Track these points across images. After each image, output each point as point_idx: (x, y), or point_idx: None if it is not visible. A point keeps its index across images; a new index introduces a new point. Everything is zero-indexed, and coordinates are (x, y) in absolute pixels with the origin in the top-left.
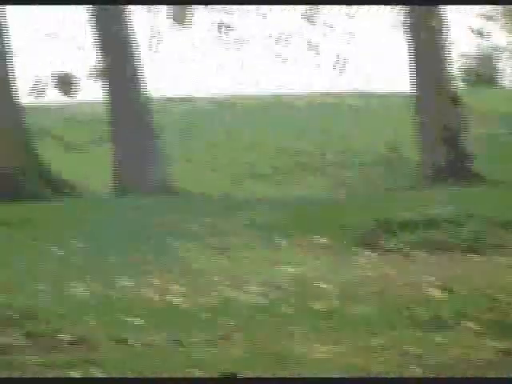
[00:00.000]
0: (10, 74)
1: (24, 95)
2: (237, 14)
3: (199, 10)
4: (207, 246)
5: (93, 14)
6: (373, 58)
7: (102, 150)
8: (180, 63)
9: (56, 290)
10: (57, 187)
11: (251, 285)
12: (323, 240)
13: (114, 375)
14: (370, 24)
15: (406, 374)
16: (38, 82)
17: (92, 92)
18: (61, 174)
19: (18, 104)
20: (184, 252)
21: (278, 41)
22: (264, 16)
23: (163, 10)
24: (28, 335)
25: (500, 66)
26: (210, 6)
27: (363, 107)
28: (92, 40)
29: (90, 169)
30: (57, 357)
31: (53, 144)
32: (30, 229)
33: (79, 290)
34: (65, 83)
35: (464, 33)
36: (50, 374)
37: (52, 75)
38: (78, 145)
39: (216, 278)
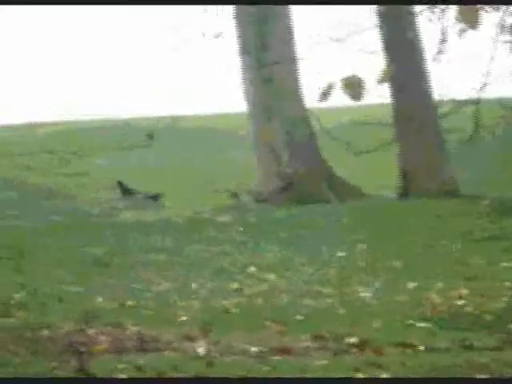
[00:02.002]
0: (297, 79)
1: (311, 99)
2: None
3: (487, 11)
4: (493, 248)
5: (380, 18)
6: None
7: (387, 153)
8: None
9: (341, 292)
10: (340, 190)
11: None
12: None
13: (400, 379)
14: None
15: None
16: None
17: (379, 95)
18: (345, 176)
19: (304, 108)
20: (466, 254)
21: None
22: None
23: (451, 11)
24: (315, 338)
25: None
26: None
27: None
28: (380, 43)
29: (376, 171)
30: (343, 359)
31: (339, 147)
32: (315, 231)
33: (363, 292)
34: (352, 87)
35: None
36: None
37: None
38: (364, 148)
39: (506, 283)
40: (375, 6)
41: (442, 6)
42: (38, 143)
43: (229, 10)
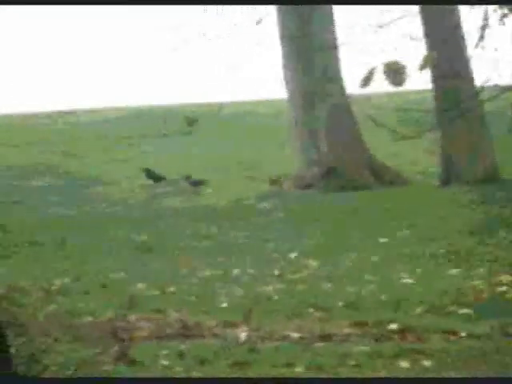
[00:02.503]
0: (338, 65)
1: (353, 85)
2: None
3: None
4: None
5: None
6: None
7: (428, 139)
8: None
9: (383, 278)
10: (382, 176)
11: None
12: None
13: (442, 365)
14: None
15: None
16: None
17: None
18: (385, 162)
19: (346, 94)
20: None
21: None
22: None
23: None
24: (356, 324)
25: None
26: None
27: None
28: (422, 30)
29: (416, 157)
30: (384, 346)
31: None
32: (356, 218)
33: (406, 279)
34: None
35: None
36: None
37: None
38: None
39: None
40: None
41: None
42: (81, 130)
43: None
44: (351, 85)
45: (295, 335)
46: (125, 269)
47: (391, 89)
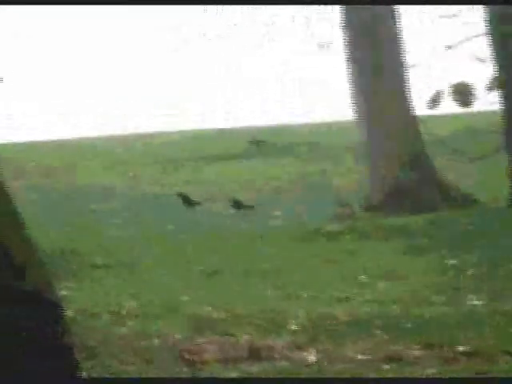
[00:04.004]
0: (406, 86)
1: (420, 107)
2: None
3: None
4: None
5: (489, 24)
6: None
7: (496, 161)
8: None
9: (452, 300)
10: (452, 197)
11: None
12: None
13: None
14: None
15: None
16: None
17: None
18: (456, 184)
19: (414, 115)
20: None
21: None
22: None
23: None
24: (425, 346)
25: None
26: None
27: None
28: (490, 51)
29: (485, 179)
30: (453, 368)
31: (447, 154)
32: (425, 239)
33: (474, 301)
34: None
35: None
36: None
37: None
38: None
39: None
40: (483, 11)
41: None
42: (142, 153)
43: (336, 18)
44: (419, 106)
45: (363, 357)
46: (193, 291)
47: (458, 110)
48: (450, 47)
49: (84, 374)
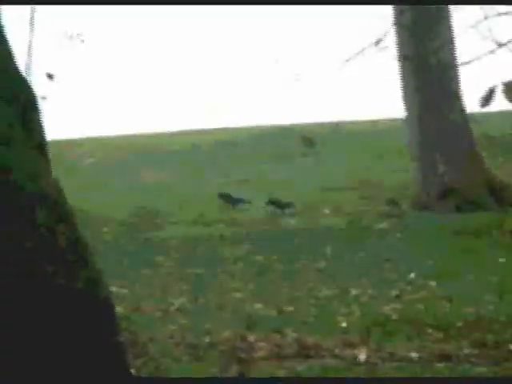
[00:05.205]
0: (458, 84)
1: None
2: None
3: None
4: None
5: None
6: None
7: None
8: None
9: (502, 299)
10: (503, 196)
11: None
12: None
13: None
14: None
15: None
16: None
17: None
18: (507, 184)
19: (465, 114)
20: None
21: None
22: None
23: None
24: (475, 344)
25: None
26: None
27: None
28: None
29: None
30: (503, 367)
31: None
32: (474, 238)
33: None
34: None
35: None
36: None
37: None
38: None
39: None
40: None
41: None
42: (192, 153)
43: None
44: (470, 104)
45: (414, 355)
46: (243, 289)
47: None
48: (502, 45)
49: (133, 372)
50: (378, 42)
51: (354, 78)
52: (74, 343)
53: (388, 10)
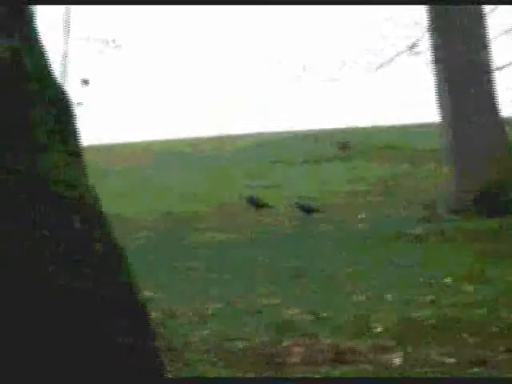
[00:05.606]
0: (493, 87)
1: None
2: None
3: None
4: None
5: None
6: None
7: None
8: None
9: None
10: None
11: None
12: None
13: None
14: None
15: None
16: None
17: None
18: None
19: (500, 117)
20: None
21: None
22: None
23: None
24: (509, 350)
25: None
26: None
27: None
28: None
29: None
30: None
31: None
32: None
33: None
34: None
35: None
36: None
37: None
38: None
39: None
40: None
41: None
42: (226, 156)
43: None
44: (506, 107)
45: (450, 360)
46: (278, 294)
47: None
48: None
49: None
50: (412, 47)
51: (383, 83)
52: (109, 349)
53: (422, 14)
